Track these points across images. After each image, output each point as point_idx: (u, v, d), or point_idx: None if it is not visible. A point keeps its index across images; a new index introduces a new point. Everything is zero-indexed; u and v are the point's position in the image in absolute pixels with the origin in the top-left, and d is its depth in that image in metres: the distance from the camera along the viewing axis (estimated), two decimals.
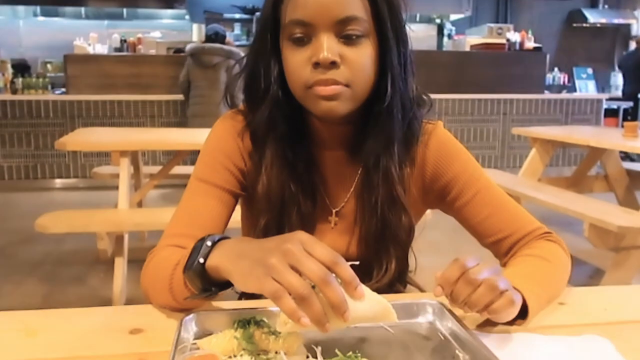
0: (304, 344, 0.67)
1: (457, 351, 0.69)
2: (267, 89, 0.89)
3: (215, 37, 4.83)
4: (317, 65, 0.82)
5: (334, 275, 0.61)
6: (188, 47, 4.96)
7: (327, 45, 0.81)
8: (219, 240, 0.74)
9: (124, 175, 2.94)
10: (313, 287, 0.60)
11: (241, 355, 0.64)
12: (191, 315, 0.74)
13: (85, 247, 3.57)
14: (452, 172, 0.97)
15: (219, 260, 0.70)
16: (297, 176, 0.94)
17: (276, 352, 0.65)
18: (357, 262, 0.65)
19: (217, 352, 0.63)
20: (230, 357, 0.65)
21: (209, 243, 0.73)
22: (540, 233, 0.96)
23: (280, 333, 0.66)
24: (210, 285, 0.73)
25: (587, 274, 3.43)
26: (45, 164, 5.69)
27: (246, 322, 0.68)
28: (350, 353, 0.61)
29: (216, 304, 0.83)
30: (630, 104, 7.50)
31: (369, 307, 0.63)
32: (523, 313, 0.77)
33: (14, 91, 5.70)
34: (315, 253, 0.61)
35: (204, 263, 0.72)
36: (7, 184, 5.62)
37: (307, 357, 0.66)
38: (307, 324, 0.58)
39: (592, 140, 3.59)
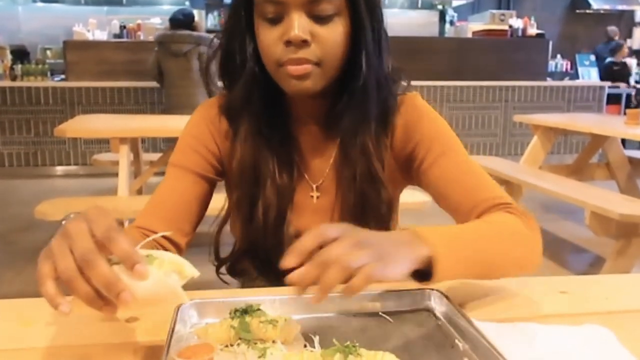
0: (302, 333, 0.67)
1: (456, 340, 0.69)
2: (242, 65, 0.90)
3: (177, 22, 4.46)
4: (288, 43, 0.82)
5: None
6: (155, 34, 4.72)
7: (298, 24, 0.81)
8: None
9: (123, 162, 2.94)
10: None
11: (238, 345, 0.64)
12: (188, 304, 0.73)
13: None
14: (419, 134, 0.94)
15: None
16: (272, 150, 0.94)
17: (273, 342, 0.64)
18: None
19: (213, 342, 0.63)
20: (226, 346, 0.64)
21: (63, 222, 0.70)
22: (498, 203, 0.88)
23: (277, 322, 0.65)
24: None
25: (587, 262, 3.44)
26: (45, 151, 5.68)
27: (243, 311, 0.67)
28: (348, 342, 0.60)
29: (213, 292, 0.82)
30: (632, 91, 7.46)
31: (153, 287, 0.57)
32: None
33: (14, 78, 5.69)
34: (94, 229, 0.57)
35: None
36: (7, 171, 5.62)
37: (305, 346, 0.65)
38: (65, 312, 0.55)
39: (594, 127, 3.58)
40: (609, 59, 7.54)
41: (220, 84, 0.96)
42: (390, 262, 0.65)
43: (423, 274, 0.71)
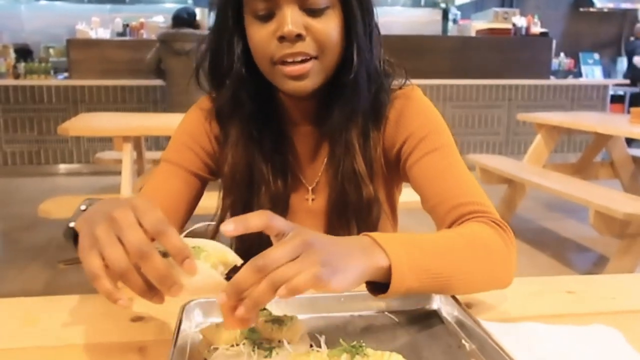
0: (308, 333, 0.66)
1: (463, 340, 0.68)
2: (230, 66, 0.88)
3: (180, 21, 4.52)
4: (282, 39, 0.80)
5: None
6: (158, 32, 4.78)
7: (292, 18, 0.79)
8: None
9: (126, 161, 2.94)
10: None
11: (243, 344, 0.63)
12: (193, 303, 0.73)
13: None
14: (409, 130, 0.91)
15: (77, 224, 0.65)
16: (265, 155, 0.92)
17: (279, 341, 0.64)
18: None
19: (219, 342, 0.62)
20: (232, 346, 0.64)
21: (82, 207, 0.69)
22: (475, 210, 0.81)
23: (283, 322, 0.65)
24: None
25: (591, 261, 3.43)
26: (48, 149, 5.69)
27: None
28: (355, 342, 0.60)
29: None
30: (637, 89, 7.43)
31: (201, 280, 0.58)
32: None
33: (17, 76, 5.70)
34: (144, 221, 0.56)
35: (74, 227, 0.68)
36: (11, 169, 5.63)
37: (311, 346, 0.65)
38: (125, 305, 0.55)
39: (598, 126, 3.57)
40: None
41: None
42: (339, 270, 0.57)
43: (379, 284, 0.65)
